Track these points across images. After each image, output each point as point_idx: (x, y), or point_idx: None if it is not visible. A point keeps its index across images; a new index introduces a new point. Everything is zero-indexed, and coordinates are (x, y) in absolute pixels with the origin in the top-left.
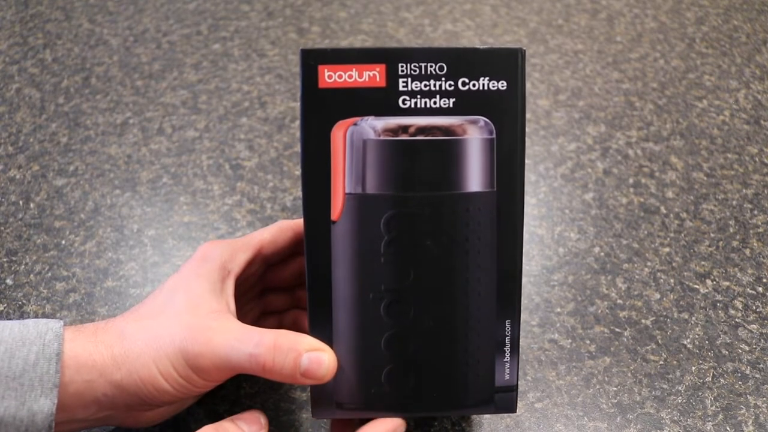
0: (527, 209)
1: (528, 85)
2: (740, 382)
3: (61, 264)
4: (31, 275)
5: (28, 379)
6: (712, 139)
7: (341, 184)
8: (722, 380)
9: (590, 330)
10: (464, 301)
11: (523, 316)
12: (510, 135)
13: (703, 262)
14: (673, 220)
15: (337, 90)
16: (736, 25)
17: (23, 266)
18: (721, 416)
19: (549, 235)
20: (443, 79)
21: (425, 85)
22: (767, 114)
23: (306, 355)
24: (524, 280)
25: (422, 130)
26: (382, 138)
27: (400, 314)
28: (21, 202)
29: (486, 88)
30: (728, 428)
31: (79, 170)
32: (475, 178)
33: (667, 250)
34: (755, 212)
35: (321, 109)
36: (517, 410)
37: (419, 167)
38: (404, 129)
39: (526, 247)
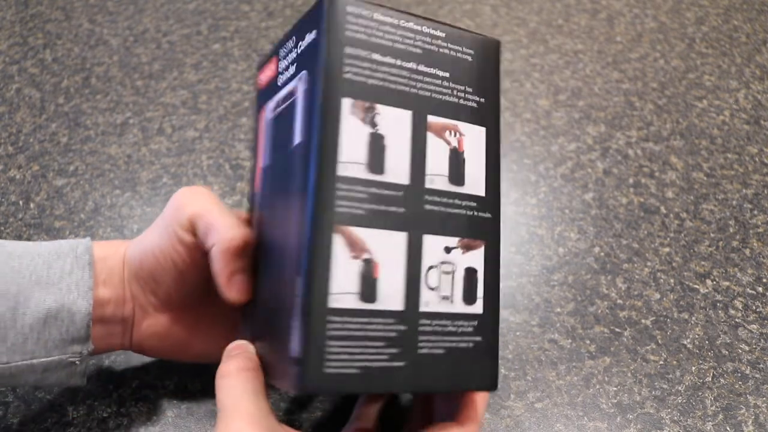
0: (527, 209)
1: (528, 84)
2: (740, 382)
3: None
4: None
5: (65, 285)
6: (712, 139)
7: (261, 160)
8: (722, 380)
9: (590, 330)
10: (280, 264)
11: (523, 316)
12: (322, 84)
13: (703, 262)
14: (673, 220)
15: (263, 88)
16: (736, 25)
17: None
18: (721, 416)
19: (549, 235)
20: (295, 49)
21: (289, 61)
22: (767, 114)
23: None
24: (524, 280)
25: (285, 100)
26: (270, 116)
27: (258, 283)
28: (21, 202)
29: (308, 43)
30: (728, 428)
31: (79, 170)
32: (298, 131)
33: (667, 250)
34: (755, 212)
35: (259, 104)
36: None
37: (282, 136)
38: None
39: (527, 247)
